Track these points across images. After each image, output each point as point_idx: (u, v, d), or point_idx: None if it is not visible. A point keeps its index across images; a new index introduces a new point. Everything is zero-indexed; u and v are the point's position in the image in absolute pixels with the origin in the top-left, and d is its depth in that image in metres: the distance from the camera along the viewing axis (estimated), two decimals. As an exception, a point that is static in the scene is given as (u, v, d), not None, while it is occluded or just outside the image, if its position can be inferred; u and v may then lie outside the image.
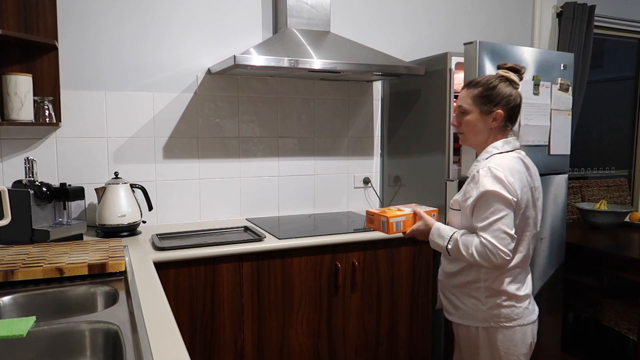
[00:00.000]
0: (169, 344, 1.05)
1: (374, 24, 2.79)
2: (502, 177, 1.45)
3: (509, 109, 1.55)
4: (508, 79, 1.56)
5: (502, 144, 1.56)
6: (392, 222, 1.61)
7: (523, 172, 1.52)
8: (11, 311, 1.34)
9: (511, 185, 1.45)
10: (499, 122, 1.55)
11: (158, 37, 2.34)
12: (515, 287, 1.55)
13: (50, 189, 1.98)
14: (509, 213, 1.44)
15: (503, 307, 1.53)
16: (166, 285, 1.80)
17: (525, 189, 1.51)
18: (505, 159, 1.51)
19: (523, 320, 1.55)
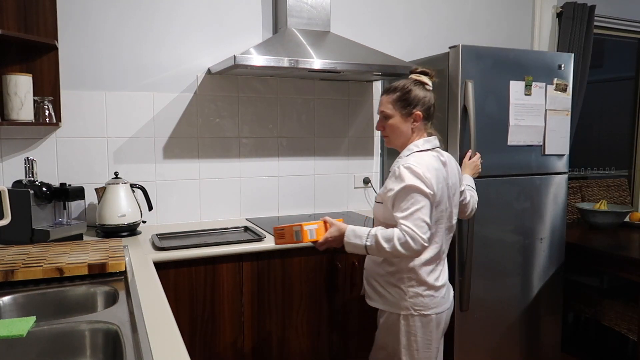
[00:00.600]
0: (169, 344, 1.05)
1: (374, 24, 2.79)
2: (420, 172, 1.55)
3: (425, 110, 1.67)
4: (421, 82, 1.68)
5: (422, 142, 1.67)
6: (306, 229, 1.60)
7: (440, 169, 1.62)
8: (11, 311, 1.34)
9: (428, 180, 1.55)
10: (418, 122, 1.66)
11: (158, 37, 2.34)
12: (433, 277, 1.66)
13: (50, 189, 1.98)
14: (427, 204, 1.54)
15: (423, 296, 1.64)
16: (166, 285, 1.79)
17: (441, 184, 1.61)
18: (424, 157, 1.62)
19: (439, 309, 1.67)
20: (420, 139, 1.67)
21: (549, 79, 2.44)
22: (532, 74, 2.38)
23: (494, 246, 2.41)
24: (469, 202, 1.91)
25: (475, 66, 2.26)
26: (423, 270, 1.64)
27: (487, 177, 2.34)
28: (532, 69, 2.39)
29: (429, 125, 1.71)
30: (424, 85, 1.68)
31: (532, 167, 2.47)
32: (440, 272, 1.69)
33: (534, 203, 2.49)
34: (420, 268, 1.64)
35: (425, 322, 1.65)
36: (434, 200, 1.57)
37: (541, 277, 2.55)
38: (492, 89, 2.32)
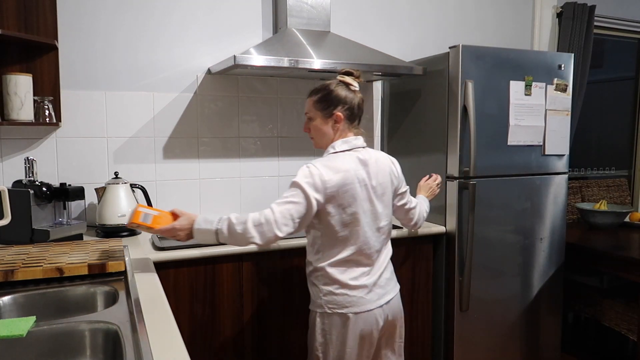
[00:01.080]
0: (169, 344, 1.05)
1: (374, 24, 2.79)
2: (316, 174, 1.55)
3: (347, 110, 1.65)
4: (344, 82, 1.67)
5: (340, 143, 1.66)
6: (140, 211, 1.53)
7: (352, 170, 1.60)
8: (11, 311, 1.34)
9: (322, 184, 1.54)
10: (340, 123, 1.66)
11: (158, 37, 2.34)
12: (348, 277, 1.63)
13: (50, 189, 1.98)
14: (302, 206, 1.53)
15: (336, 294, 1.63)
16: (166, 285, 1.80)
17: (351, 186, 1.58)
18: (336, 158, 1.61)
19: (356, 309, 1.62)
20: (339, 140, 1.66)
21: (549, 79, 2.44)
22: (532, 74, 2.39)
23: (494, 246, 2.41)
24: (415, 209, 1.89)
25: (475, 66, 2.26)
26: (333, 270, 1.63)
27: (487, 177, 2.35)
28: (532, 69, 2.39)
29: (356, 125, 1.70)
30: (348, 85, 1.66)
31: (532, 167, 2.47)
32: (362, 273, 1.64)
33: (534, 203, 2.49)
34: (329, 268, 1.63)
35: (340, 321, 1.62)
36: (330, 202, 1.56)
37: (541, 277, 2.55)
38: (492, 89, 2.32)
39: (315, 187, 1.54)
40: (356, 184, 1.60)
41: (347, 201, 1.58)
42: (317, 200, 1.55)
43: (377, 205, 1.66)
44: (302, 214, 1.54)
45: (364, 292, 1.64)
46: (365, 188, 1.62)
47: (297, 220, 1.54)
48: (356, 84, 1.68)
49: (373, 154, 1.70)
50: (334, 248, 1.63)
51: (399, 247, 2.29)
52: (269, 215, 1.52)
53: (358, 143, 1.68)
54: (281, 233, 1.52)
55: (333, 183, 1.56)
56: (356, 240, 1.62)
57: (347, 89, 1.66)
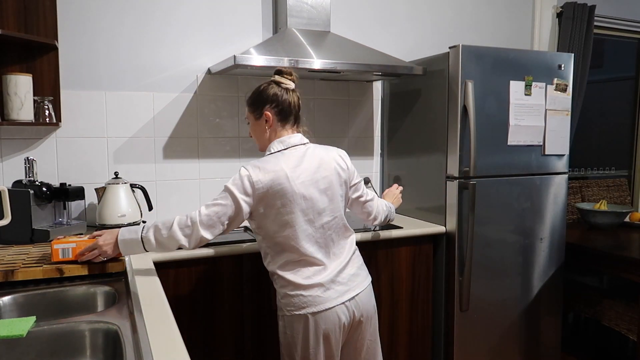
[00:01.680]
0: (169, 344, 1.05)
1: (374, 24, 2.79)
2: (245, 176, 1.56)
3: (276, 108, 1.63)
4: (274, 81, 1.65)
5: (276, 144, 1.65)
6: (57, 248, 1.48)
7: (284, 169, 1.57)
8: (11, 311, 1.34)
9: (250, 185, 1.55)
10: (271, 122, 1.65)
11: (158, 37, 2.34)
12: (301, 277, 1.60)
13: (50, 189, 1.98)
14: (231, 208, 1.55)
15: (291, 296, 1.61)
16: (166, 285, 1.80)
17: (282, 186, 1.55)
18: (270, 159, 1.61)
19: (313, 308, 1.59)
20: (275, 141, 1.65)
21: (549, 79, 2.44)
22: (532, 74, 2.39)
23: (494, 246, 2.41)
24: (373, 202, 1.87)
25: (475, 66, 2.26)
26: (283, 272, 1.61)
27: (487, 177, 2.35)
28: (532, 69, 2.39)
29: (293, 124, 1.67)
30: (279, 84, 1.64)
31: (532, 167, 2.47)
32: (315, 272, 1.61)
33: (534, 203, 2.49)
34: (280, 271, 1.62)
35: (299, 322, 1.60)
36: (261, 203, 1.56)
37: (541, 277, 2.55)
38: (492, 89, 2.32)
39: (244, 189, 1.55)
40: (288, 183, 1.56)
41: (280, 201, 1.56)
42: (245, 202, 1.55)
43: (317, 202, 1.61)
44: (229, 215, 1.56)
45: (320, 291, 1.60)
46: (301, 185, 1.58)
47: (226, 222, 1.56)
48: (288, 82, 1.65)
49: (313, 149, 1.66)
50: (277, 250, 1.62)
51: (399, 247, 2.29)
52: (194, 217, 1.55)
53: (294, 141, 1.65)
54: (208, 235, 1.54)
55: (262, 184, 1.54)
56: (297, 240, 1.59)
57: (277, 87, 1.64)
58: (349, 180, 1.74)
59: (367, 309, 1.70)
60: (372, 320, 1.74)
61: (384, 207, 1.95)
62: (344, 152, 1.75)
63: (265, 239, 1.64)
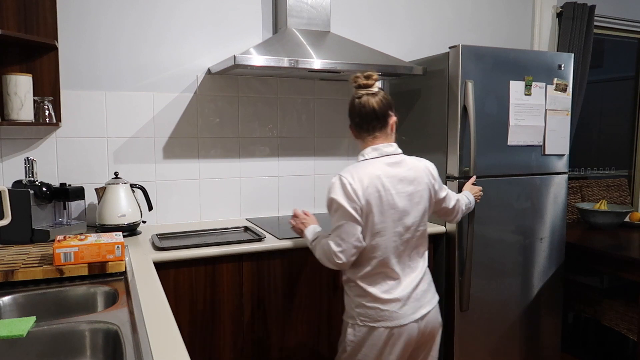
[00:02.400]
0: (169, 344, 1.05)
1: (374, 24, 2.79)
2: (346, 183, 1.56)
3: (353, 120, 1.67)
4: (356, 94, 1.66)
5: (369, 151, 1.65)
6: (59, 252, 1.48)
7: (380, 177, 1.57)
8: (11, 311, 1.34)
9: (353, 193, 1.54)
10: (353, 133, 1.71)
11: (158, 37, 2.34)
12: (380, 290, 1.60)
13: (50, 189, 1.98)
14: (347, 223, 1.55)
15: (367, 307, 1.60)
16: (166, 285, 1.80)
17: (376, 194, 1.56)
18: (364, 166, 1.61)
19: (389, 323, 1.59)
20: (369, 147, 1.65)
21: (549, 79, 2.44)
22: (532, 74, 2.39)
23: (494, 246, 2.41)
24: (455, 205, 1.86)
25: (475, 66, 2.26)
26: (363, 283, 1.61)
27: (487, 177, 2.35)
28: (532, 69, 2.39)
29: (379, 131, 1.65)
30: (354, 95, 1.66)
31: (532, 167, 2.47)
32: (393, 286, 1.60)
33: (534, 203, 2.49)
34: (360, 281, 1.61)
35: (372, 335, 1.59)
36: (363, 212, 1.55)
37: (541, 277, 2.55)
38: (492, 89, 2.32)
39: (349, 198, 1.55)
40: (384, 192, 1.56)
41: (377, 209, 1.56)
42: (357, 209, 1.55)
43: (409, 215, 1.61)
44: (351, 229, 1.56)
45: (397, 306, 1.59)
46: (396, 196, 1.58)
47: (351, 238, 1.56)
48: (361, 91, 1.64)
49: (408, 161, 1.66)
50: (362, 259, 1.60)
51: (399, 247, 2.29)
52: (325, 248, 1.62)
53: (388, 150, 1.64)
54: (339, 260, 1.58)
55: (360, 193, 1.55)
56: (384, 251, 1.58)
57: (355, 99, 1.65)
58: (437, 193, 1.74)
59: (435, 327, 1.71)
60: (437, 338, 1.74)
61: (463, 207, 1.92)
62: (432, 165, 1.74)
63: None
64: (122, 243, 1.54)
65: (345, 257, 1.56)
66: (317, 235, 1.74)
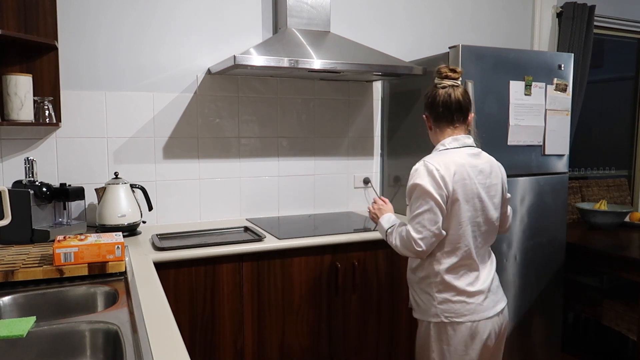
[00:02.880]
0: (169, 344, 1.05)
1: (374, 24, 2.79)
2: (433, 169, 1.54)
3: (429, 110, 1.67)
4: (434, 84, 1.66)
5: (450, 140, 1.64)
6: (59, 252, 1.48)
7: (465, 166, 1.57)
8: (11, 311, 1.34)
9: (440, 179, 1.53)
10: (429, 124, 1.69)
11: (158, 37, 2.34)
12: (465, 282, 1.58)
13: (50, 189, 1.98)
14: (430, 210, 1.53)
15: (453, 302, 1.57)
16: (166, 286, 1.80)
17: (462, 182, 1.55)
18: (447, 154, 1.59)
19: (475, 317, 1.57)
20: (449, 137, 1.64)
21: (549, 79, 2.44)
22: (532, 74, 2.39)
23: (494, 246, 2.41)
24: (509, 215, 1.83)
25: (475, 66, 2.26)
26: (448, 276, 1.57)
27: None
28: (532, 69, 2.39)
29: (459, 122, 1.64)
30: (436, 85, 1.65)
31: (532, 167, 2.47)
32: (476, 278, 1.59)
33: (534, 203, 2.49)
34: (445, 273, 1.58)
35: (459, 331, 1.56)
36: (449, 200, 1.54)
37: (541, 277, 2.55)
38: (492, 89, 2.32)
39: (436, 184, 1.53)
40: (467, 181, 1.56)
41: (455, 197, 1.54)
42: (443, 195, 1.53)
43: (489, 207, 1.60)
44: (434, 215, 1.53)
45: (481, 299, 1.57)
46: (479, 186, 1.58)
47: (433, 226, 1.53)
48: (443, 81, 1.63)
49: (485, 155, 1.67)
50: (448, 250, 1.58)
51: (399, 247, 2.29)
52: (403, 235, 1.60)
53: (468, 142, 1.65)
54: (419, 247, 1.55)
55: (448, 179, 1.53)
56: (468, 242, 1.57)
57: (433, 89, 1.65)
58: (504, 193, 1.72)
59: (507, 323, 1.70)
60: (506, 334, 1.72)
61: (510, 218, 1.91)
62: (501, 165, 1.73)
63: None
64: (122, 243, 1.54)
65: (425, 244, 1.54)
66: (393, 224, 1.71)
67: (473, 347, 1.57)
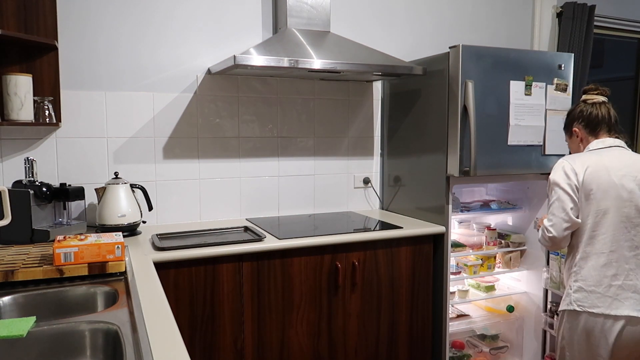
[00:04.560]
0: (169, 344, 1.05)
1: (374, 24, 2.79)
2: (564, 163, 1.71)
3: (583, 122, 1.82)
4: (582, 100, 1.85)
5: (596, 143, 1.78)
6: (59, 252, 1.48)
7: (603, 160, 1.67)
8: (11, 311, 1.34)
9: (570, 171, 1.67)
10: (580, 135, 1.83)
11: (158, 37, 2.34)
12: (602, 275, 1.60)
13: (50, 189, 1.98)
14: (559, 198, 1.67)
15: (587, 292, 1.62)
16: (166, 286, 1.80)
17: (596, 174, 1.65)
18: (587, 154, 1.74)
19: (610, 311, 1.57)
20: (595, 141, 1.78)
21: (549, 79, 2.44)
22: (532, 74, 2.39)
23: (494, 246, 2.41)
24: None
25: (475, 66, 2.26)
26: (583, 263, 1.64)
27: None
28: (532, 69, 2.39)
29: (607, 131, 1.79)
30: (585, 101, 1.83)
31: (532, 167, 2.47)
32: (616, 273, 1.59)
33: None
34: (581, 261, 1.65)
35: (588, 321, 1.58)
36: (581, 193, 1.65)
37: (541, 277, 2.55)
38: (492, 89, 2.32)
39: (568, 175, 1.67)
40: (606, 172, 1.64)
41: (594, 187, 1.63)
42: (574, 187, 1.65)
43: (637, 198, 1.63)
44: (564, 204, 1.66)
45: (616, 292, 1.58)
46: (623, 178, 1.64)
47: (562, 213, 1.66)
48: (593, 96, 1.82)
49: (630, 151, 1.76)
50: (584, 239, 1.65)
51: (399, 247, 2.29)
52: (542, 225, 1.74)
53: (615, 142, 1.76)
54: (550, 233, 1.68)
55: (582, 172, 1.65)
56: (608, 231, 1.61)
57: (583, 105, 1.82)
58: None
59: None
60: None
61: None
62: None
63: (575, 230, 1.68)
64: (122, 243, 1.54)
65: (556, 230, 1.65)
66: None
67: (601, 344, 1.57)
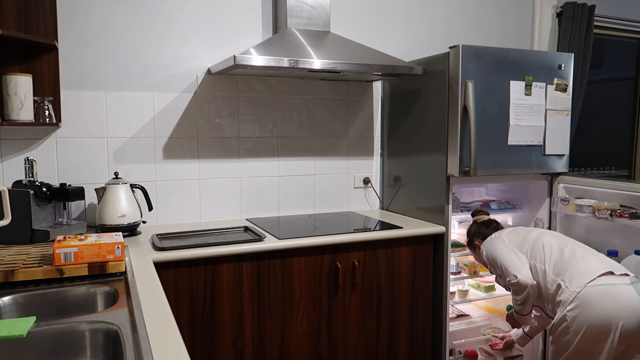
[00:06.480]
0: (169, 344, 1.05)
1: (374, 24, 2.79)
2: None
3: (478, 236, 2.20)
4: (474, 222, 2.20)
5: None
6: (59, 252, 1.47)
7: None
8: (11, 311, 1.34)
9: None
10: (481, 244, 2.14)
11: (158, 37, 2.34)
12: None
13: (50, 189, 1.98)
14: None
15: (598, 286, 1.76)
16: (166, 286, 1.80)
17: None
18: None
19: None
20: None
21: (549, 79, 2.44)
22: (532, 74, 2.39)
23: (494, 246, 2.41)
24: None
25: (475, 66, 2.26)
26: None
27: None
28: (532, 69, 2.39)
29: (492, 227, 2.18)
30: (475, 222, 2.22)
31: (532, 167, 2.47)
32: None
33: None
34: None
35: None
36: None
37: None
38: (492, 89, 2.32)
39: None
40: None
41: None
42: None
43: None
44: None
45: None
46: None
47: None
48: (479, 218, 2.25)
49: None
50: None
51: (399, 247, 2.29)
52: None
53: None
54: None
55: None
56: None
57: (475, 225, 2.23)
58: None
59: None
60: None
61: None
62: None
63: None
64: (122, 243, 1.54)
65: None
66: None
67: (609, 339, 1.69)
